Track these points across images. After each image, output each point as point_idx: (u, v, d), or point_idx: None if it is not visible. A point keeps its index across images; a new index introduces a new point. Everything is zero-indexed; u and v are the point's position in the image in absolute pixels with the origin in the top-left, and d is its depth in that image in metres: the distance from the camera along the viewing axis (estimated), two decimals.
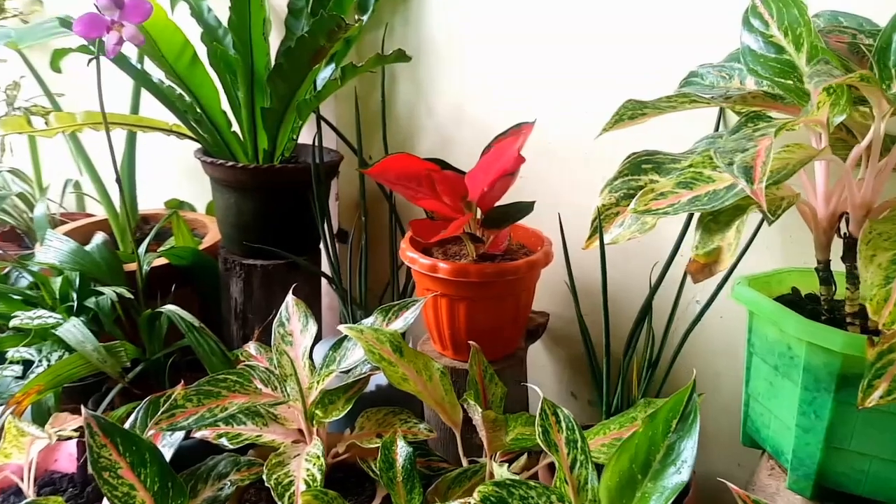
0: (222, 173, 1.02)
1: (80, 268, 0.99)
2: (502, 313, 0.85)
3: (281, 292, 1.12)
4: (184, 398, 0.70)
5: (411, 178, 0.82)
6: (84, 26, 0.65)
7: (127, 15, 0.65)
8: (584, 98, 0.98)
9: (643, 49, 0.91)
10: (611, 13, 0.93)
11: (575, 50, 0.97)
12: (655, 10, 0.89)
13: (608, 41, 0.94)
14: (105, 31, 0.66)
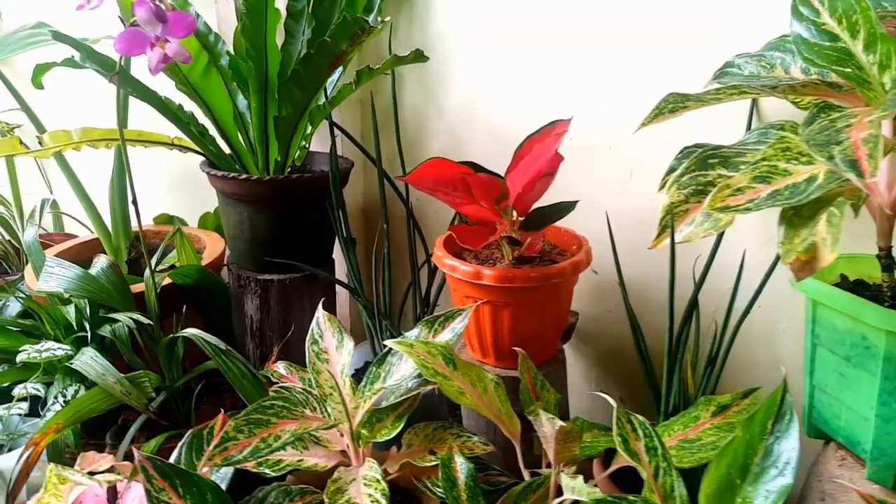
0: (235, 187, 0.98)
1: (88, 294, 0.94)
2: (546, 317, 0.84)
3: (298, 307, 1.10)
4: (235, 429, 0.66)
5: (447, 183, 0.80)
6: (125, 43, 0.61)
7: (170, 30, 0.61)
8: (598, 94, 0.97)
9: (655, 45, 0.90)
10: (620, 10, 0.92)
11: (587, 46, 0.96)
12: (664, 7, 0.88)
13: (619, 37, 0.93)
14: (148, 48, 0.61)
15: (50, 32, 0.92)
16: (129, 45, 0.61)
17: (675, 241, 0.60)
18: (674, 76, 0.90)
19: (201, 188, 1.58)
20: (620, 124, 0.95)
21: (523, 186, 0.79)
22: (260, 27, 0.83)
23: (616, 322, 1.05)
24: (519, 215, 0.84)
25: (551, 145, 0.76)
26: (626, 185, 0.97)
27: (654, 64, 0.91)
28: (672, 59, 0.89)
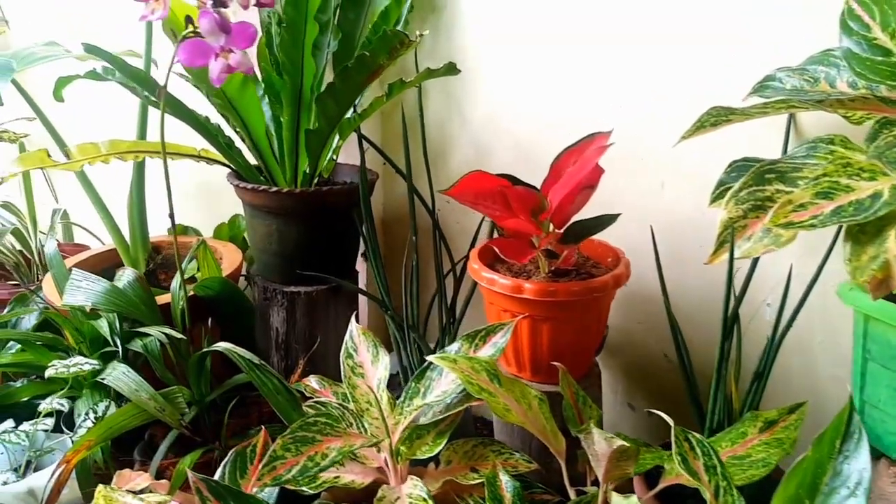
0: (265, 199, 0.97)
1: (117, 308, 0.92)
2: (585, 331, 0.83)
3: (324, 319, 1.09)
4: (282, 448, 0.65)
5: (487, 196, 0.79)
6: (188, 54, 0.60)
7: (234, 41, 0.60)
8: (629, 105, 0.97)
9: (686, 56, 0.90)
10: (651, 20, 0.92)
11: (616, 57, 0.96)
12: (694, 17, 0.88)
13: (649, 48, 0.93)
14: (212, 58, 0.61)
15: (83, 45, 0.91)
16: (193, 56, 0.61)
17: (733, 256, 0.60)
18: (706, 87, 0.89)
19: (215, 199, 1.57)
20: (652, 135, 0.94)
21: (562, 199, 0.78)
22: (298, 41, 0.83)
23: (645, 334, 1.04)
24: (556, 227, 0.83)
25: (592, 158, 0.75)
26: (657, 196, 0.97)
27: (688, 75, 0.91)
28: (704, 69, 0.89)
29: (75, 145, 0.95)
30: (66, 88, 1.15)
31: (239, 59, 0.61)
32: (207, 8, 0.59)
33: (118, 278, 1.01)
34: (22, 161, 0.91)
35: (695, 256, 0.95)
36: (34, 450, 0.88)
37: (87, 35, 1.49)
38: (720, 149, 0.90)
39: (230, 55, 0.61)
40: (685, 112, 0.91)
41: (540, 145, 1.07)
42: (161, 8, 0.60)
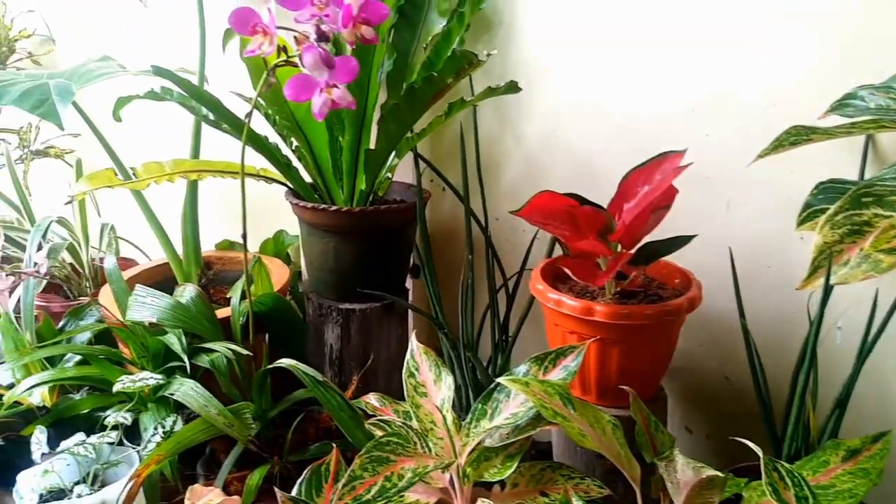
0: (323, 218, 0.98)
1: (181, 324, 0.94)
2: (655, 355, 0.82)
3: (377, 336, 1.09)
4: (360, 468, 0.66)
5: (556, 216, 0.79)
6: (294, 89, 0.61)
7: (336, 76, 0.62)
8: (694, 122, 0.96)
9: (754, 72, 0.89)
10: (717, 35, 0.91)
11: (681, 71, 0.96)
12: (763, 32, 0.88)
13: (716, 64, 0.92)
14: (316, 93, 0.62)
15: (151, 67, 0.93)
16: (298, 91, 0.62)
17: (829, 282, 0.59)
18: (776, 101, 0.89)
19: (259, 215, 1.59)
20: (717, 153, 0.94)
21: (633, 219, 0.78)
22: (367, 62, 0.84)
23: (706, 356, 1.03)
24: (625, 248, 0.83)
25: (668, 178, 0.75)
26: (722, 215, 0.96)
27: (757, 88, 0.90)
28: (775, 82, 0.88)
29: (141, 164, 0.97)
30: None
31: (341, 94, 0.62)
32: (311, 43, 0.61)
33: (179, 294, 1.03)
34: (90, 180, 0.93)
35: (762, 278, 0.94)
36: (102, 462, 0.90)
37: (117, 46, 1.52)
38: (787, 167, 0.90)
39: (333, 90, 0.62)
40: (754, 128, 0.91)
41: (599, 163, 1.07)
42: (268, 44, 0.61)
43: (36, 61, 1.95)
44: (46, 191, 1.98)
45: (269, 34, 0.61)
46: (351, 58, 0.63)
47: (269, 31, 0.61)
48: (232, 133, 0.99)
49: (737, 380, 1.02)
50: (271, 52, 0.62)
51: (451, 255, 1.29)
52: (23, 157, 1.86)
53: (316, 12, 0.62)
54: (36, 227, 1.27)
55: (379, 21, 0.63)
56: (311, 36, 0.61)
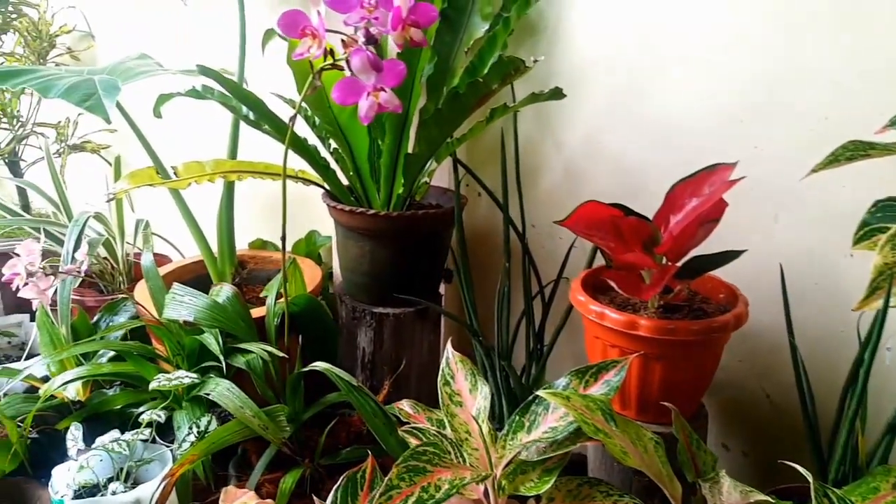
0: (361, 221, 0.98)
1: (218, 324, 0.95)
2: (699, 371, 0.81)
3: (409, 341, 1.09)
4: (397, 477, 0.65)
5: (600, 226, 0.78)
6: (342, 92, 0.61)
7: (384, 79, 0.62)
8: (741, 133, 0.94)
9: (807, 84, 0.88)
10: (765, 46, 0.90)
11: (728, 81, 0.94)
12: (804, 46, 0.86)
13: (764, 74, 0.91)
14: (364, 97, 0.62)
15: (197, 67, 0.94)
16: (346, 94, 0.62)
17: (888, 304, 0.57)
18: (827, 112, 0.87)
19: (293, 214, 1.60)
20: (766, 165, 0.92)
21: (681, 232, 0.77)
22: (411, 66, 0.84)
23: (747, 373, 1.01)
24: (670, 261, 0.81)
25: (719, 191, 0.74)
26: (769, 229, 0.94)
27: (809, 104, 0.88)
28: (827, 98, 0.87)
29: (181, 164, 0.98)
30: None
31: (388, 98, 0.62)
32: (360, 45, 0.60)
33: (216, 293, 1.04)
34: (131, 179, 0.95)
35: (809, 295, 0.92)
36: (135, 460, 0.91)
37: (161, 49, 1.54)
38: (843, 183, 0.88)
39: (380, 94, 0.61)
40: (806, 141, 0.89)
41: (642, 173, 1.06)
42: (317, 47, 0.61)
43: (75, 57, 1.99)
44: (82, 184, 2.02)
45: (318, 37, 0.61)
46: (398, 61, 0.62)
47: (318, 35, 0.61)
48: (273, 134, 1.00)
49: (777, 397, 1.00)
50: (319, 56, 0.62)
51: (484, 260, 1.29)
52: (60, 151, 1.90)
53: (365, 15, 0.62)
54: (74, 223, 1.29)
55: (428, 23, 0.63)
56: (360, 39, 0.61)
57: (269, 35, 1.23)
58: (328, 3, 0.60)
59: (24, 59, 1.83)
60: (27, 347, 1.49)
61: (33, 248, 0.91)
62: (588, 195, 1.12)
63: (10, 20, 1.77)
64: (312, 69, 0.66)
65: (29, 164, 1.92)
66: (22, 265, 0.87)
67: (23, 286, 0.87)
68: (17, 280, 0.87)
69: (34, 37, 1.81)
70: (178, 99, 1.08)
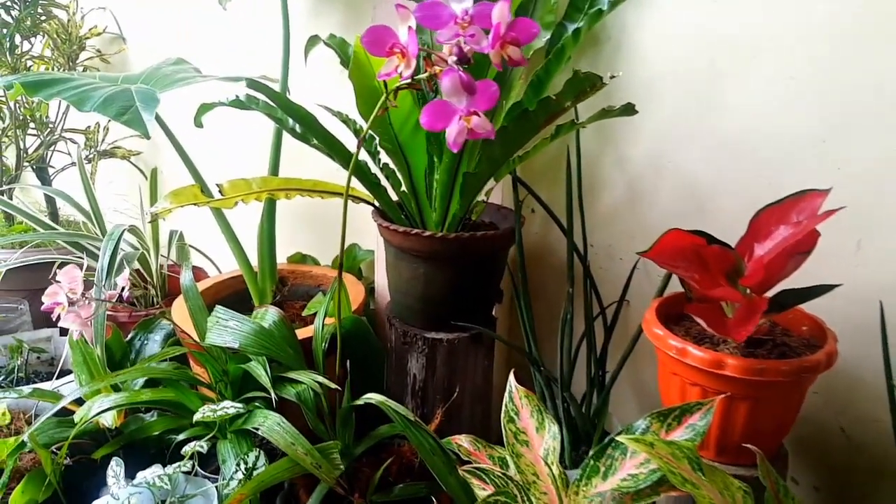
0: (415, 243, 0.95)
1: (265, 352, 0.92)
2: (785, 411, 0.77)
3: (462, 368, 1.06)
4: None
5: (684, 256, 0.74)
6: (430, 117, 0.58)
7: (476, 102, 0.58)
8: (824, 155, 0.90)
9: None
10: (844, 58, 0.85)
11: (811, 96, 0.90)
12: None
13: (847, 88, 0.86)
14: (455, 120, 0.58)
15: (245, 80, 0.92)
16: (435, 119, 0.58)
17: None
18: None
19: (327, 226, 1.58)
20: (849, 187, 0.88)
21: (769, 262, 0.73)
22: None
23: (822, 406, 0.97)
24: (754, 292, 0.77)
25: (814, 220, 0.69)
26: (850, 257, 0.90)
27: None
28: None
29: (226, 181, 0.95)
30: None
31: (480, 123, 0.58)
32: (452, 66, 0.57)
33: (260, 316, 1.02)
34: (174, 197, 0.92)
35: (893, 329, 0.88)
36: (179, 496, 0.89)
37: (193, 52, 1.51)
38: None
39: (472, 118, 0.58)
40: (893, 163, 0.85)
41: (710, 193, 1.02)
42: (405, 66, 0.57)
43: (105, 60, 1.99)
44: (112, 190, 2.02)
45: (408, 56, 0.58)
46: (491, 82, 0.59)
47: (407, 54, 0.58)
48: (322, 149, 0.97)
49: (854, 433, 0.96)
50: (408, 77, 0.58)
51: (537, 280, 1.26)
52: (90, 157, 1.89)
53: (459, 32, 0.58)
54: (108, 237, 1.28)
55: (528, 41, 0.59)
56: (451, 58, 0.57)
57: (312, 42, 1.20)
58: (419, 18, 0.56)
59: (51, 62, 1.83)
60: (58, 365, 1.48)
61: (75, 274, 0.89)
62: (652, 214, 1.09)
63: (40, 22, 1.77)
64: (386, 88, 0.63)
65: (57, 171, 1.92)
66: (63, 293, 0.85)
67: (65, 315, 0.85)
68: (58, 309, 0.85)
69: (63, 39, 1.81)
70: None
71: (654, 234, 1.11)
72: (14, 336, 1.52)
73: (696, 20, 0.97)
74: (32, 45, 1.81)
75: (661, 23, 1.00)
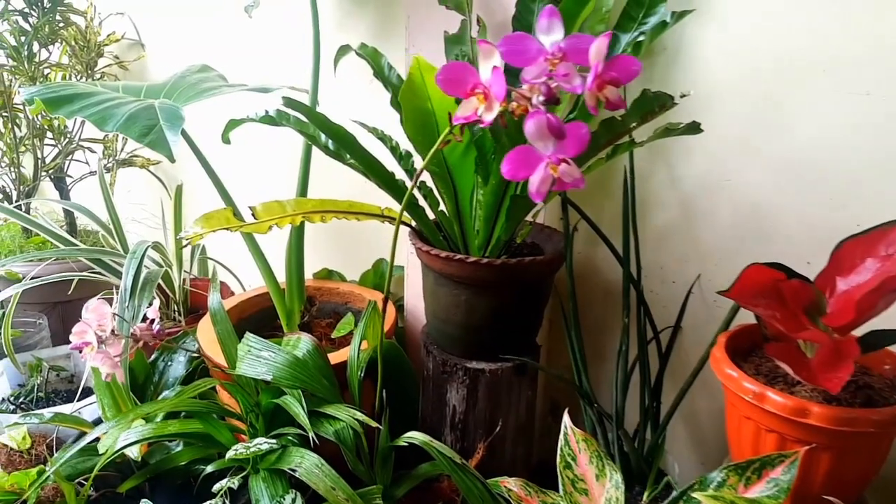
0: (458, 269, 0.91)
1: (301, 384, 0.88)
2: (872, 461, 0.72)
3: (506, 400, 1.01)
4: None
5: (763, 293, 0.69)
6: (514, 165, 0.52)
7: (564, 148, 0.52)
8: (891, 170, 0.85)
9: None
10: None
11: (881, 110, 0.84)
12: None
13: None
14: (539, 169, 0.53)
15: (283, 99, 0.87)
16: (518, 167, 0.52)
17: None
18: None
19: (356, 242, 1.54)
20: None
21: (859, 300, 0.67)
22: None
23: None
24: (837, 332, 0.72)
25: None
26: None
27: None
28: None
29: (260, 204, 0.91)
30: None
31: (568, 171, 0.52)
32: (538, 106, 0.51)
33: (293, 345, 0.98)
34: (206, 222, 0.88)
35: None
36: None
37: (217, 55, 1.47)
38: None
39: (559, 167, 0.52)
40: None
41: (771, 216, 0.97)
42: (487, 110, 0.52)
43: (124, 66, 1.96)
44: (129, 198, 1.99)
45: (491, 99, 0.52)
46: (582, 124, 0.53)
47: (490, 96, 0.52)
48: (358, 168, 0.93)
49: None
50: (489, 123, 0.53)
51: (581, 302, 1.20)
52: (109, 167, 1.86)
53: (547, 69, 0.53)
54: (131, 255, 1.25)
55: (628, 80, 0.54)
56: (537, 97, 0.52)
57: (342, 52, 1.16)
58: (504, 54, 0.51)
59: (69, 69, 1.80)
60: (79, 384, 1.45)
61: (104, 311, 0.85)
62: (707, 236, 1.04)
63: (58, 29, 1.74)
64: (451, 121, 0.58)
65: (75, 181, 1.90)
66: (92, 332, 0.81)
67: (93, 356, 0.81)
68: (87, 349, 0.81)
69: (82, 46, 1.78)
70: (231, 114, 1.01)
71: (709, 257, 1.06)
72: (33, 354, 1.49)
73: (761, 29, 0.92)
74: (51, 53, 1.78)
75: (722, 35, 0.95)
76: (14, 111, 1.73)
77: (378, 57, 1.06)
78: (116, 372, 0.82)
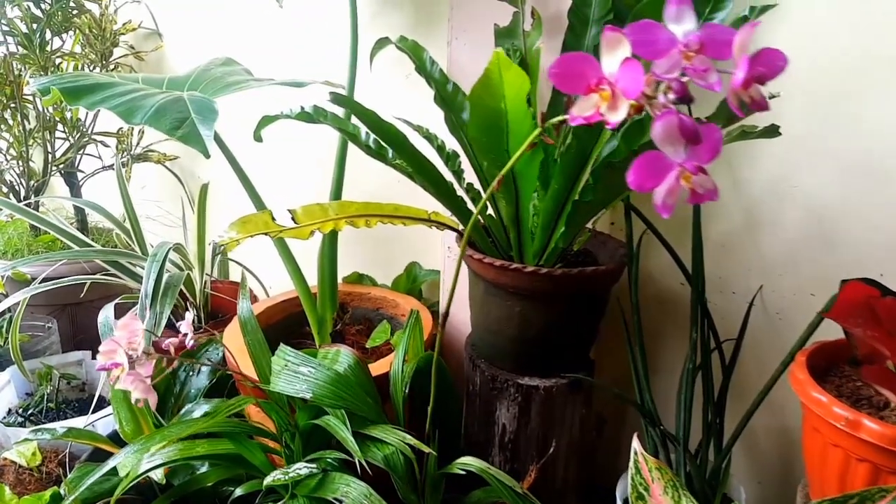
0: (513, 278, 0.87)
1: (342, 403, 0.85)
2: None
3: (559, 418, 0.98)
4: None
5: (859, 311, 0.65)
6: (641, 173, 0.47)
7: (698, 154, 0.48)
8: None
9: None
10: None
11: None
12: None
13: None
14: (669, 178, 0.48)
15: (330, 94, 0.84)
16: (645, 177, 0.47)
17: None
18: None
19: (388, 244, 1.51)
20: None
21: None
22: None
23: None
24: None
25: None
26: None
27: None
28: None
29: (300, 207, 0.88)
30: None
31: (702, 182, 0.48)
32: (669, 105, 0.47)
33: (331, 359, 0.94)
34: (244, 227, 0.85)
35: None
36: None
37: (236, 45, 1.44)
38: None
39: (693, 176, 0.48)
40: None
41: (841, 224, 0.94)
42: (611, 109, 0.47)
43: (140, 57, 1.93)
44: (142, 195, 1.96)
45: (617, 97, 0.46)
46: (715, 127, 0.49)
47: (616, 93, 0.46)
48: (403, 170, 0.90)
49: None
50: (615, 124, 0.48)
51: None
52: (124, 162, 1.84)
53: (680, 62, 0.46)
54: (152, 257, 1.22)
55: (774, 76, 0.49)
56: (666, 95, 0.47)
57: (380, 44, 1.12)
58: (633, 45, 0.46)
59: (82, 59, 1.77)
60: (94, 392, 1.42)
61: (135, 327, 0.81)
62: (773, 244, 1.00)
63: (71, 16, 1.71)
64: (543, 122, 0.55)
65: (87, 176, 1.87)
66: (123, 351, 0.77)
67: (124, 377, 0.77)
68: (117, 371, 0.77)
69: (96, 35, 1.75)
70: (255, 110, 0.98)
71: (775, 266, 1.03)
72: (42, 360, 1.46)
73: (831, 22, 0.88)
74: (63, 42, 1.75)
75: (786, 24, 0.91)
76: (23, 102, 1.71)
77: (419, 51, 1.02)
78: (150, 398, 0.79)
